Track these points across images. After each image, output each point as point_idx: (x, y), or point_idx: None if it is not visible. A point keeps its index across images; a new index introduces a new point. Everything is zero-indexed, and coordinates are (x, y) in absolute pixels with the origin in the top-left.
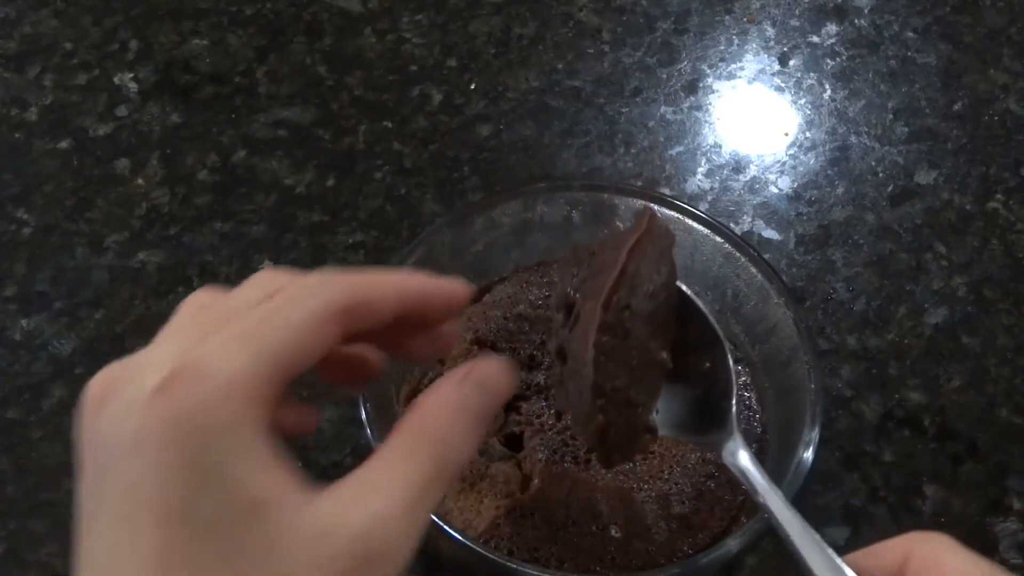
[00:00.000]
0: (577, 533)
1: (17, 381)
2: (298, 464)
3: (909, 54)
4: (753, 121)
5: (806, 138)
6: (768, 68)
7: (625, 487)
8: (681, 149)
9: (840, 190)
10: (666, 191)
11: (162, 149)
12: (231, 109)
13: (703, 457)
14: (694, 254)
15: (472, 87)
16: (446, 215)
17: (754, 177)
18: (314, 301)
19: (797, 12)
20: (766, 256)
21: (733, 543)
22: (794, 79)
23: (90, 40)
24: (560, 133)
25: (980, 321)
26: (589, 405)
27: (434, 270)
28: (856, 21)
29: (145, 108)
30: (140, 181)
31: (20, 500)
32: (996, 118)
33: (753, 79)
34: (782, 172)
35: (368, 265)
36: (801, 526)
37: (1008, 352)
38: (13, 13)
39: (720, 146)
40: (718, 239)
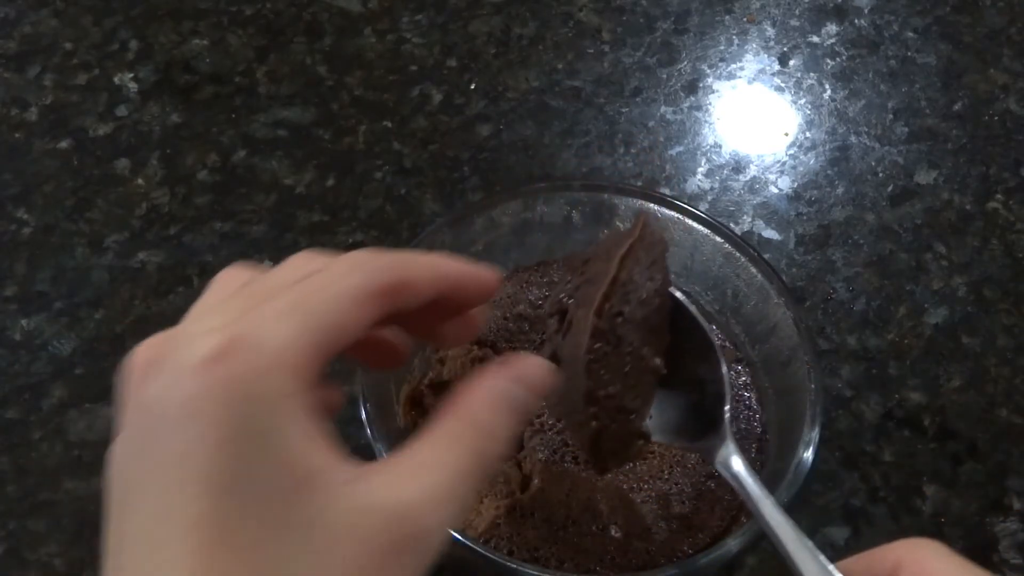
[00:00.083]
0: (577, 533)
1: (17, 381)
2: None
3: (909, 54)
4: (753, 121)
5: (806, 138)
6: (768, 68)
7: (625, 487)
8: (681, 149)
9: (840, 190)
10: (666, 191)
11: (162, 149)
12: (231, 109)
13: (703, 457)
14: (694, 254)
15: (472, 87)
16: (446, 215)
17: (754, 177)
18: (358, 278)
19: (797, 12)
20: (766, 256)
21: (733, 543)
22: (794, 79)
23: (90, 40)
24: (560, 133)
25: (980, 321)
26: (582, 412)
27: None
28: (856, 21)
29: (145, 108)
30: (140, 181)
31: (20, 500)
32: (996, 118)
33: (753, 79)
34: (782, 172)
35: None
36: (794, 533)
37: (1008, 352)
38: (13, 13)
39: (720, 146)
40: (718, 239)
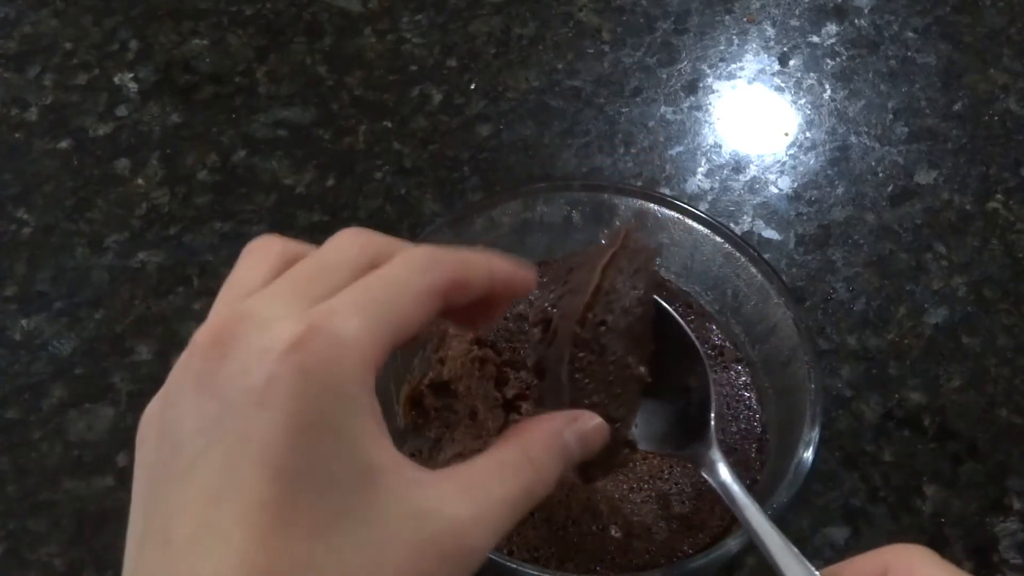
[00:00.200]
0: (577, 533)
1: (17, 381)
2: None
3: (909, 54)
4: (753, 121)
5: (806, 138)
6: (768, 68)
7: (625, 487)
8: (681, 149)
9: (840, 190)
10: (666, 191)
11: (162, 149)
12: (231, 109)
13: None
14: (694, 254)
15: (472, 87)
16: (446, 215)
17: (754, 177)
18: (428, 276)
19: (797, 12)
20: (766, 256)
21: (733, 543)
22: (794, 79)
23: (90, 40)
24: (560, 133)
25: (980, 321)
26: None
27: None
28: (856, 21)
29: (145, 108)
30: (140, 181)
31: (20, 500)
32: (996, 118)
33: (753, 79)
34: (782, 172)
35: None
36: (780, 540)
37: (1008, 352)
38: (13, 13)
39: (720, 146)
40: (718, 239)
